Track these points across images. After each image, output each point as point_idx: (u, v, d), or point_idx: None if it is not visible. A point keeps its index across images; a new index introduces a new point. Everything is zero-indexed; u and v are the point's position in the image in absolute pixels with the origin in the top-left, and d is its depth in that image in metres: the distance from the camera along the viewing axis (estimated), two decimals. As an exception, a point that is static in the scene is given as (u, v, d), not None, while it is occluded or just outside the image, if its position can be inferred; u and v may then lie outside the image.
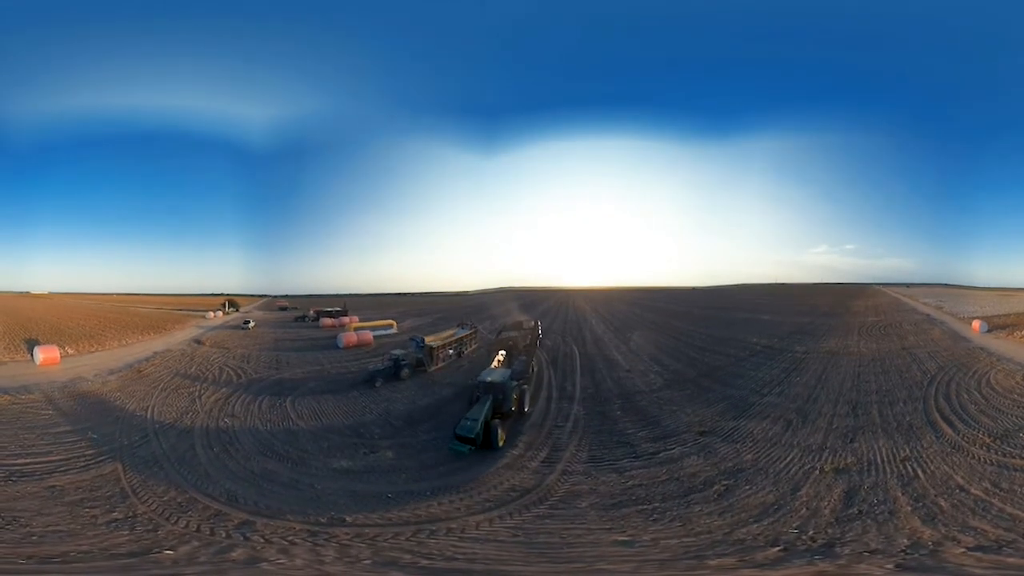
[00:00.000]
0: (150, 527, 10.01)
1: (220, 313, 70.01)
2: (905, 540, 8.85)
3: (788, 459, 13.36)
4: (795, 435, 15.23)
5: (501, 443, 15.24)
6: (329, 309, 64.04)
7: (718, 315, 56.38)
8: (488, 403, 16.57)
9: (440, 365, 25.52)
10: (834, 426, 15.98)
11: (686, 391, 20.78)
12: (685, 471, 12.70)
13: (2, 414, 17.86)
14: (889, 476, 11.87)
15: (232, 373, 26.26)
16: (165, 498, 11.54)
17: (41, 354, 28.56)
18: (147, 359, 30.16)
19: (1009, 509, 9.86)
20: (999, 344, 30.47)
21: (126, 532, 9.62)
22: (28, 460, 13.50)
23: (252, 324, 53.51)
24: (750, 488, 11.63)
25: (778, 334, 39.30)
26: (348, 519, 10.31)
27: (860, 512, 10.08)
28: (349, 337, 35.52)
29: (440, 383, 22.81)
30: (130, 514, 10.53)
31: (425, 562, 8.29)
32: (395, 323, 44.85)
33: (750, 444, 14.65)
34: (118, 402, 20.26)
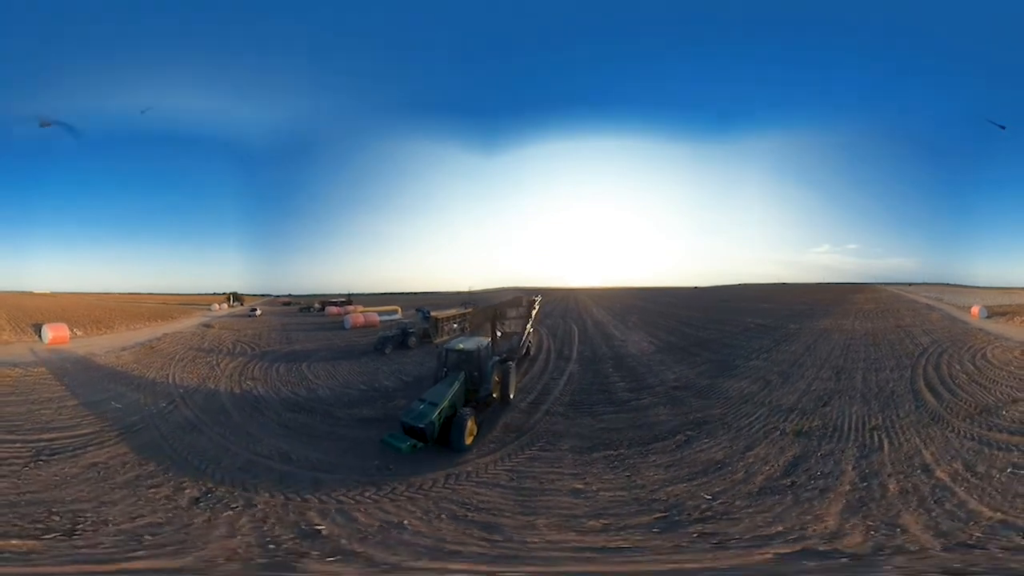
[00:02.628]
0: (240, 504, 8.81)
1: (225, 305, 72.20)
2: (810, 529, 7.43)
3: (755, 416, 13.40)
4: (770, 394, 15.45)
5: (469, 440, 11.55)
6: (334, 300, 66.17)
7: (717, 305, 57.90)
8: (458, 383, 12.88)
9: (444, 337, 27.21)
10: (812, 388, 15.98)
11: (674, 356, 22.29)
12: (650, 419, 13.40)
13: (14, 388, 16.93)
14: (849, 445, 11.04)
15: (245, 347, 27.70)
16: (223, 464, 10.82)
17: (50, 332, 27.98)
18: (158, 339, 30.70)
19: (972, 503, 7.96)
20: (998, 327, 30.49)
21: (224, 519, 8.19)
22: (54, 435, 12.41)
23: (259, 312, 55.81)
24: (708, 442, 11.69)
25: (774, 316, 40.88)
26: (392, 467, 10.43)
27: (792, 484, 9.17)
28: (356, 318, 37.35)
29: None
30: (205, 490, 9.39)
31: (473, 515, 8.20)
32: (400, 308, 46.64)
33: (723, 400, 15.02)
34: (136, 372, 20.03)
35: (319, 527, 7.79)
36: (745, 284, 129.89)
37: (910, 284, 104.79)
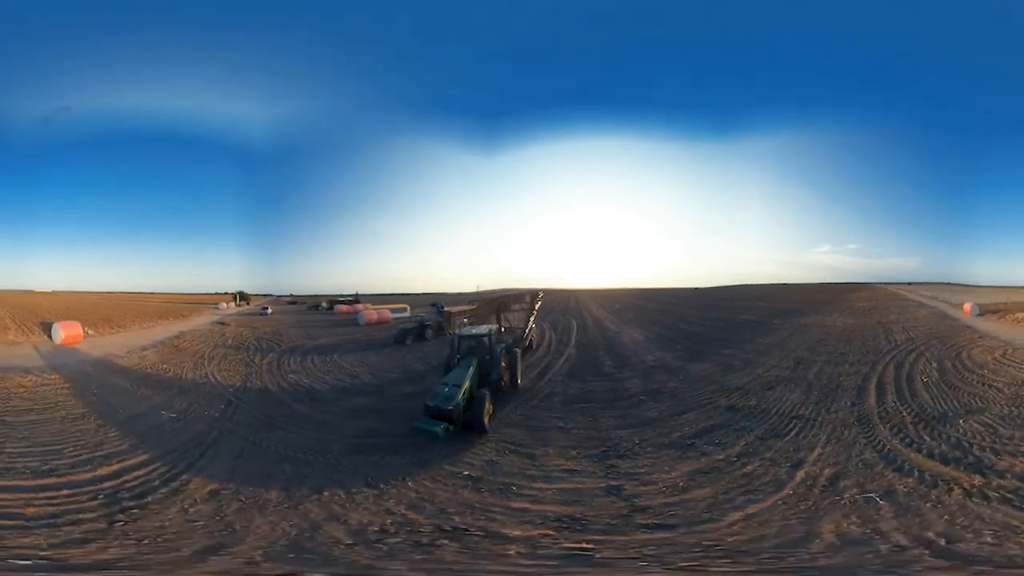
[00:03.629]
0: (408, 481, 9.06)
1: (232, 304, 74.08)
2: (664, 477, 9.00)
3: (703, 391, 15.21)
4: (726, 376, 17.41)
5: (487, 420, 12.18)
6: (342, 299, 68.69)
7: (712, 304, 60.67)
8: (473, 367, 13.54)
9: (456, 330, 30.18)
10: (766, 374, 17.31)
11: (659, 344, 25.50)
12: (622, 387, 16.37)
13: (34, 400, 14.45)
14: (761, 426, 11.96)
15: (270, 343, 28.98)
16: (337, 452, 10.77)
17: (62, 331, 26.26)
18: (176, 336, 30.48)
19: (784, 510, 7.64)
20: (988, 325, 30.28)
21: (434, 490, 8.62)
22: (116, 465, 9.79)
23: (270, 311, 58.15)
24: (654, 404, 13.99)
25: (763, 314, 43.65)
26: (450, 428, 11.80)
27: (691, 445, 10.77)
28: (370, 314, 40.28)
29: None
30: (368, 480, 9.13)
31: (520, 449, 10.78)
32: (408, 307, 49.44)
33: (684, 378, 17.31)
34: (170, 374, 19.12)
35: (470, 474, 9.59)
36: (746, 284, 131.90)
37: (910, 283, 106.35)
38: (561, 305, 57.30)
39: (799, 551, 6.56)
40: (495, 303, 22.71)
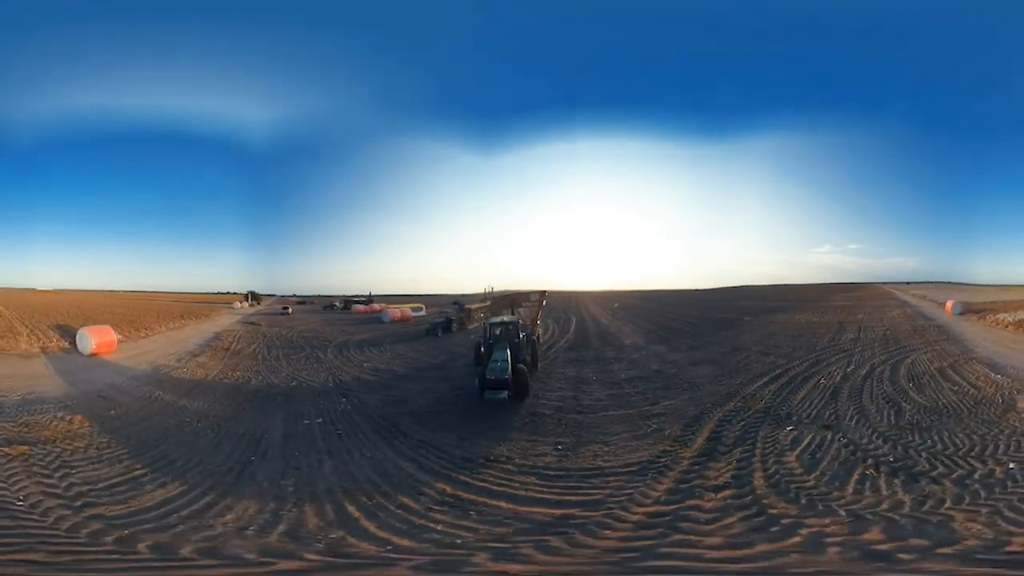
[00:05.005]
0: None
1: (246, 304, 76.50)
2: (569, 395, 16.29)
3: (650, 361, 22.91)
4: (673, 354, 24.54)
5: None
6: (356, 299, 73.99)
7: (703, 304, 66.47)
8: (507, 348, 16.45)
9: (474, 324, 36.67)
10: (702, 356, 23.58)
11: (639, 334, 33.12)
12: (601, 354, 24.91)
13: (130, 435, 12.38)
14: (647, 389, 17.27)
15: (317, 340, 32.22)
16: (468, 408, 14.96)
17: (93, 338, 22.94)
18: (214, 339, 31.25)
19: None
20: (964, 325, 31.27)
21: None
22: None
23: (291, 310, 61.76)
24: (616, 365, 22.11)
25: (741, 312, 49.45)
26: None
27: (617, 383, 18.25)
28: (395, 313, 46.65)
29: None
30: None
31: (548, 396, 16.49)
32: (423, 306, 55.76)
33: (644, 353, 25.23)
34: (255, 382, 19.67)
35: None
36: (746, 285, 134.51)
37: (909, 283, 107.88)
38: (562, 304, 63.48)
39: (634, 412, 14.56)
40: (507, 299, 27.60)
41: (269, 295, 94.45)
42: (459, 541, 7.45)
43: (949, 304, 39.43)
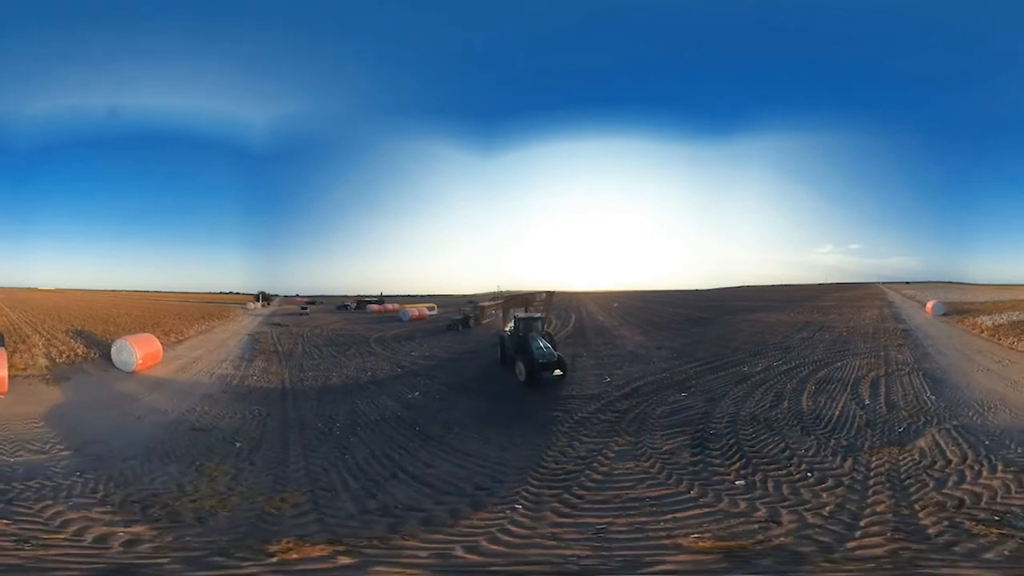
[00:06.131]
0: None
1: (258, 304, 78.38)
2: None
3: (626, 344, 30.94)
4: (648, 340, 32.63)
5: None
6: (368, 299, 77.54)
7: (695, 303, 72.21)
8: (539, 337, 21.32)
9: (486, 320, 43.20)
10: (666, 344, 30.58)
11: (627, 327, 40.97)
12: (592, 342, 32.51)
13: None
14: (630, 357, 25.92)
15: (352, 338, 36.19)
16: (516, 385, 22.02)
17: (137, 350, 20.70)
18: (253, 341, 33.20)
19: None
20: (938, 327, 32.61)
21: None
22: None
23: (309, 311, 64.48)
24: (602, 347, 29.87)
25: (720, 311, 55.47)
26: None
27: (599, 356, 26.77)
28: (413, 312, 52.90)
29: (493, 331, 40.22)
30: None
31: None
32: (436, 305, 61.95)
33: (624, 340, 32.93)
34: (335, 381, 22.18)
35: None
36: (747, 286, 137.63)
37: (908, 283, 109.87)
38: (564, 304, 69.37)
39: (603, 372, 22.19)
40: (519, 299, 34.91)
41: (273, 295, 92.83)
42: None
43: (930, 305, 39.49)
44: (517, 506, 9.80)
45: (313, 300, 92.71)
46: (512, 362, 21.97)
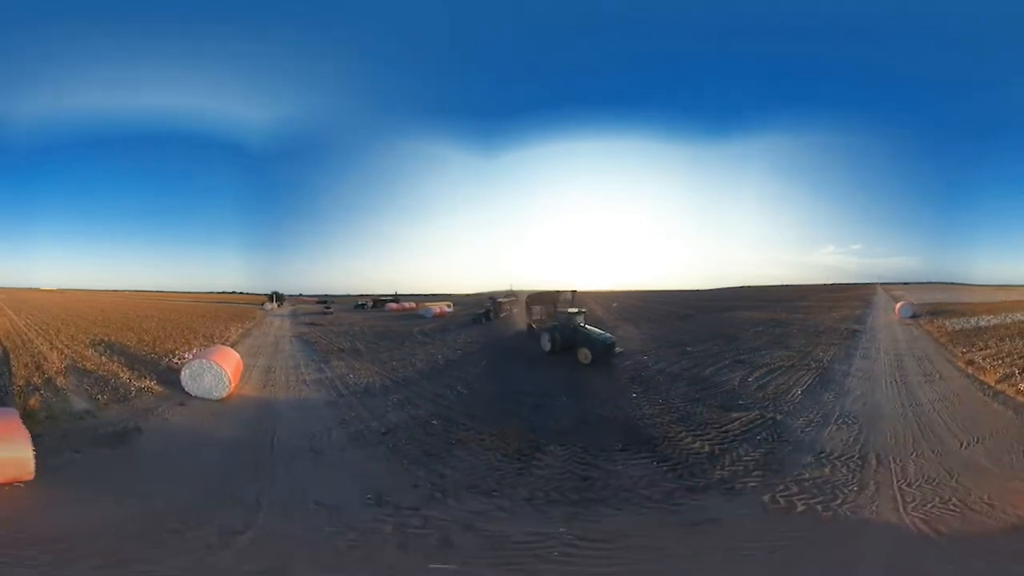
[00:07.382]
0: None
1: (274, 304, 78.87)
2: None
3: (615, 332, 35.45)
4: (634, 329, 42.17)
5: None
6: (384, 298, 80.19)
7: (689, 303, 78.46)
8: (587, 326, 29.14)
9: (503, 314, 51.63)
10: (648, 333, 39.49)
11: (622, 321, 50.33)
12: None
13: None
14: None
15: (394, 333, 41.12)
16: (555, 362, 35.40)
17: (227, 371, 17.90)
18: (305, 342, 35.55)
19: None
20: (895, 329, 34.28)
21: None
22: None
23: (332, 310, 67.03)
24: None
25: (710, 310, 64.17)
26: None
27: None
28: (436, 309, 60.72)
29: (510, 324, 48.59)
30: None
31: None
32: (451, 303, 69.54)
33: (616, 329, 39.55)
34: (420, 365, 28.18)
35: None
36: (749, 286, 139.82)
37: (906, 284, 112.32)
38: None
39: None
40: (545, 297, 39.03)
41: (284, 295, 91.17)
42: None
43: (898, 307, 40.50)
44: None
45: (324, 299, 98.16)
46: (572, 350, 28.83)
